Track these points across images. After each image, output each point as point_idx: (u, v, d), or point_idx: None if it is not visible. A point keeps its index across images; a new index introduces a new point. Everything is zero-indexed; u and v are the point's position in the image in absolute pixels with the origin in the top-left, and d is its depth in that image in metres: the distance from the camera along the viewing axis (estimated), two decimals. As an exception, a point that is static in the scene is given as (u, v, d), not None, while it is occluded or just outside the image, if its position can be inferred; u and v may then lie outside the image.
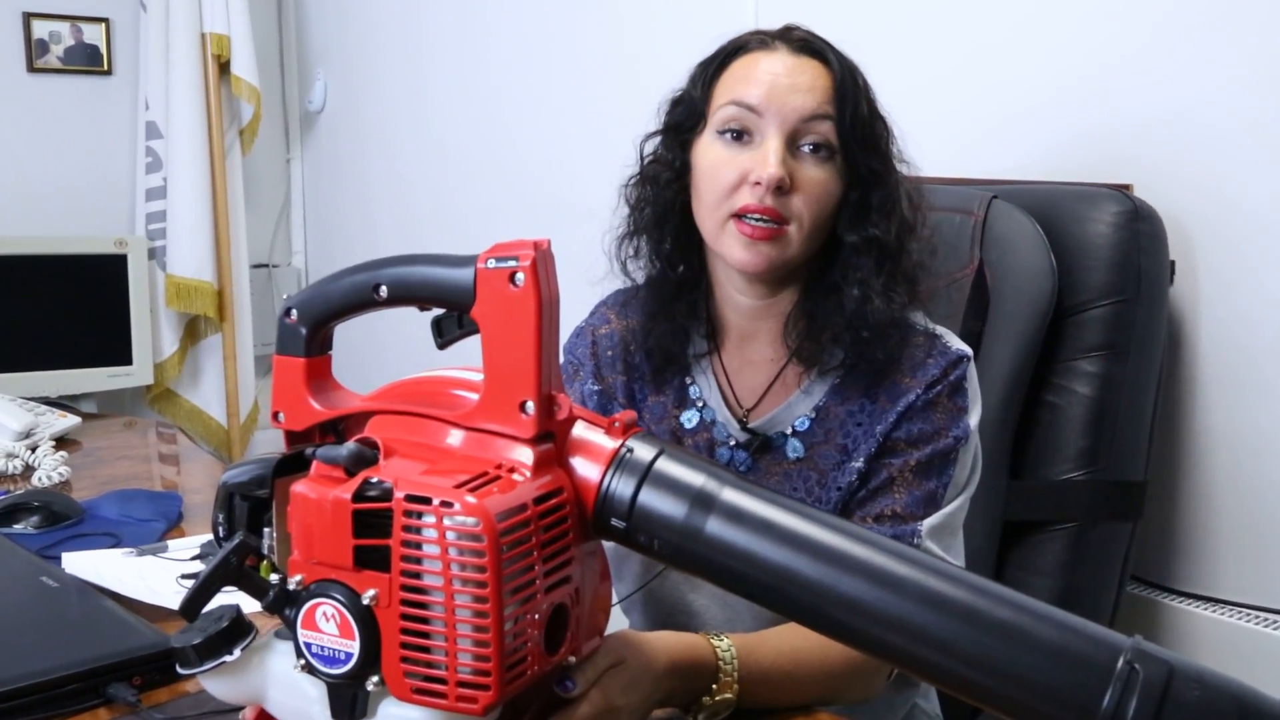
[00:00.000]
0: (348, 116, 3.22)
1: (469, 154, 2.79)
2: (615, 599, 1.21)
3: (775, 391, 1.18)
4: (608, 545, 0.80)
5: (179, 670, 0.77)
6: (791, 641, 0.99)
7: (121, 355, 2.82)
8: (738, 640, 0.97)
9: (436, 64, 2.86)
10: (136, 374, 2.85)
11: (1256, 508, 1.47)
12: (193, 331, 3.10)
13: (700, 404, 1.20)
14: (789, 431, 1.16)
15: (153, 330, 2.93)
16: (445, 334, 0.80)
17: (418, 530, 0.70)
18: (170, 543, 1.35)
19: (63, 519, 1.44)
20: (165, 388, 3.06)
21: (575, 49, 2.47)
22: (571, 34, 2.48)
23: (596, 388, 1.23)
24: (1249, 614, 1.48)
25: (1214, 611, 1.51)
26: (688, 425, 1.20)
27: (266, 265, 3.38)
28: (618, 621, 1.25)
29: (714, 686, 0.94)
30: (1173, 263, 1.46)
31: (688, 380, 1.21)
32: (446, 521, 0.69)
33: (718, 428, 1.19)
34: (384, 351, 2.43)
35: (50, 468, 1.70)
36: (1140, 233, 1.41)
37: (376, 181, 3.13)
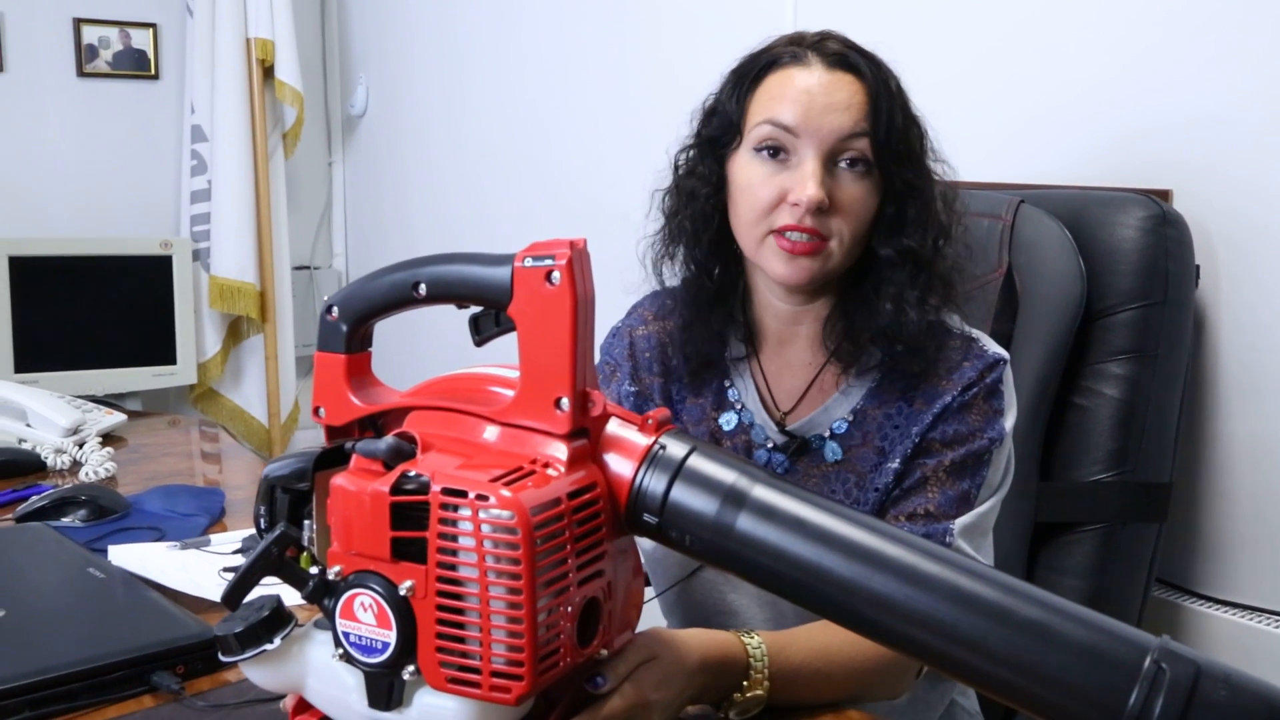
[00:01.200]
0: (388, 120, 3.26)
1: (505, 158, 2.81)
2: (653, 594, 1.23)
3: (813, 394, 1.19)
4: (648, 545, 0.81)
5: (221, 658, 0.79)
6: (822, 639, 0.99)
7: (166, 355, 2.87)
8: (769, 638, 0.97)
9: (474, 69, 2.88)
10: (180, 373, 2.90)
11: (1275, 513, 1.48)
12: (235, 332, 3.14)
13: (739, 406, 1.21)
14: (827, 434, 1.17)
15: (196, 331, 2.98)
16: (483, 331, 0.81)
17: (454, 523, 0.71)
18: (212, 537, 1.38)
19: (109, 513, 1.47)
20: (208, 387, 3.11)
21: (612, 52, 2.49)
22: (608, 37, 2.49)
23: (633, 389, 1.24)
24: (1268, 618, 1.48)
25: (1234, 615, 1.51)
26: (726, 427, 1.21)
27: (308, 267, 3.43)
28: (657, 622, 1.27)
29: (745, 683, 0.94)
30: (1197, 267, 1.46)
31: (726, 383, 1.22)
32: (482, 514, 0.70)
33: (756, 430, 1.19)
34: (421, 349, 2.46)
35: (97, 463, 1.74)
36: (1168, 238, 1.41)
37: (415, 185, 3.16)
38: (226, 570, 1.24)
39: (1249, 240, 1.47)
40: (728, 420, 1.21)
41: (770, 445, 1.18)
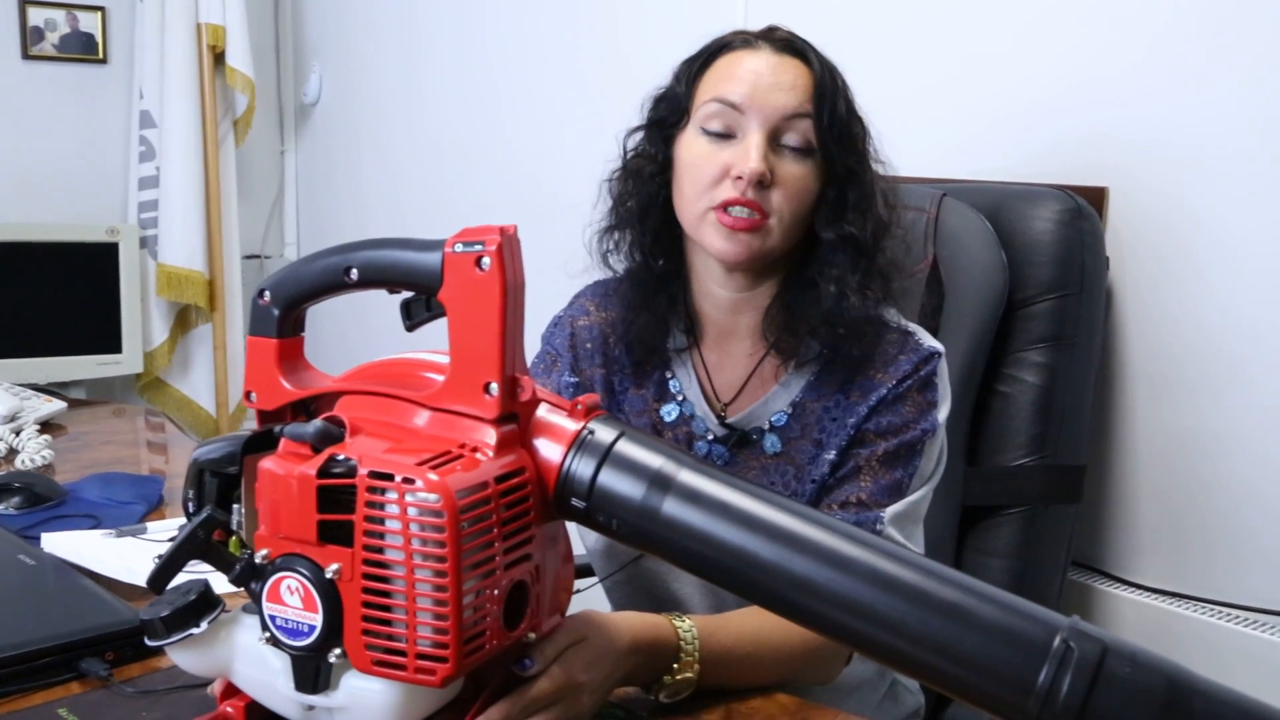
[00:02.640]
0: (343, 109, 3.24)
1: (463, 147, 2.80)
2: (594, 581, 1.24)
3: (753, 386, 1.20)
4: (593, 536, 0.81)
5: (147, 642, 0.79)
6: (753, 623, 1.00)
7: (111, 343, 2.83)
8: (700, 621, 0.98)
9: (431, 58, 2.87)
10: (126, 362, 2.87)
11: (1178, 498, 1.54)
12: (183, 321, 3.11)
13: (680, 398, 1.21)
14: (766, 426, 1.18)
15: (143, 319, 2.95)
16: (413, 316, 0.82)
17: (381, 506, 0.72)
18: (149, 525, 1.37)
19: (44, 500, 1.46)
20: (155, 376, 3.07)
21: (569, 44, 2.49)
22: (566, 29, 2.49)
23: (574, 380, 1.24)
24: (1173, 600, 1.54)
25: (1140, 596, 1.56)
26: (668, 419, 1.21)
27: (258, 256, 3.39)
28: (601, 605, 1.27)
29: (675, 666, 0.95)
30: (1107, 259, 1.51)
31: (668, 374, 1.23)
32: (408, 498, 0.71)
33: (696, 421, 1.20)
34: (371, 333, 2.44)
35: (34, 450, 1.71)
36: (1083, 230, 1.47)
37: (370, 175, 3.14)
38: (160, 558, 1.23)
39: (1171, 236, 1.51)
40: (669, 411, 1.21)
41: (711, 437, 1.19)
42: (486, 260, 0.75)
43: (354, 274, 0.81)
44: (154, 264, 3.01)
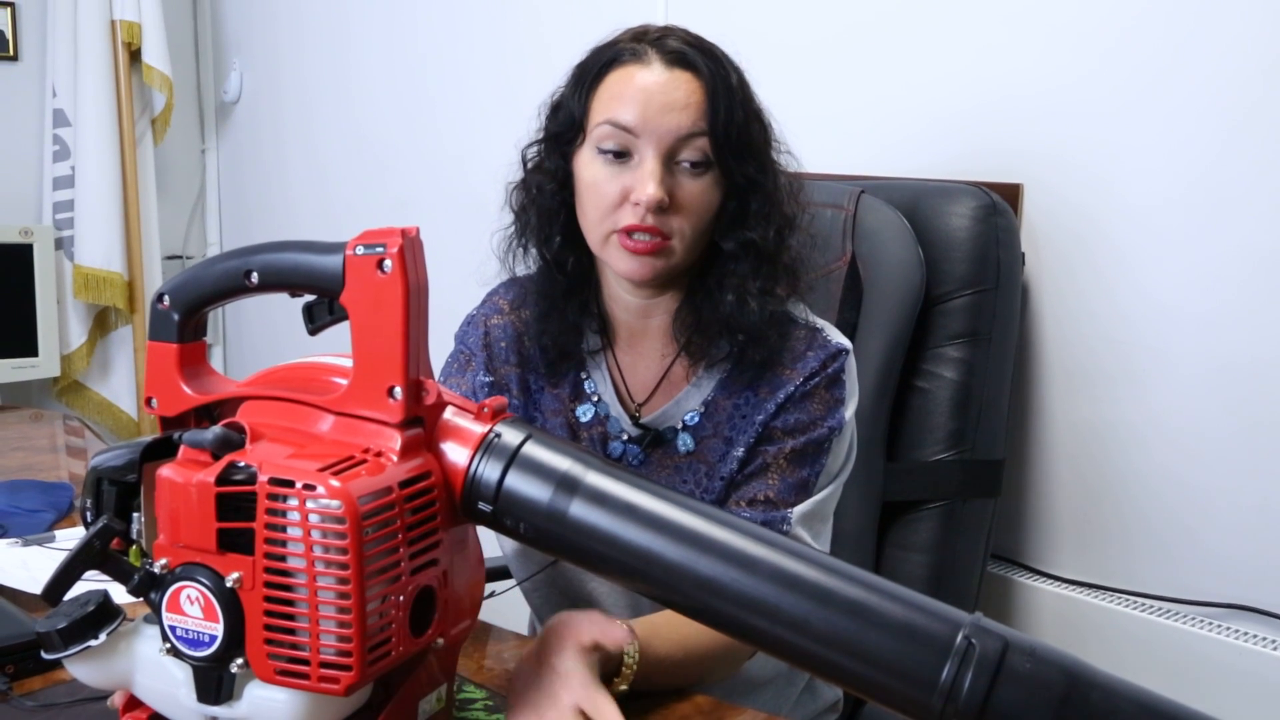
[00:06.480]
0: (266, 107, 3.19)
1: (393, 147, 2.77)
2: (513, 583, 1.23)
3: (665, 387, 1.20)
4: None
5: (44, 655, 0.77)
6: (680, 631, 0.99)
7: (27, 347, 2.77)
8: (639, 631, 0.97)
9: (358, 54, 2.84)
10: (42, 366, 2.80)
11: (1093, 491, 1.57)
12: (102, 323, 3.04)
13: (595, 398, 1.21)
14: (680, 426, 1.18)
15: (60, 321, 2.88)
16: (316, 320, 0.80)
17: (282, 513, 0.70)
18: (58, 533, 1.34)
19: (-53, 510, 1.42)
20: (73, 380, 3.00)
21: (499, 40, 2.47)
22: (494, 23, 2.48)
23: (488, 380, 1.23)
24: (1088, 590, 1.57)
25: (1057, 588, 1.59)
26: (583, 419, 1.21)
27: (180, 257, 3.33)
28: (518, 610, 1.27)
29: (615, 679, 0.95)
30: (1023, 254, 1.54)
31: (582, 375, 1.22)
32: (309, 504, 0.70)
33: (611, 422, 1.20)
34: (286, 337, 2.41)
35: (-60, 459, 1.67)
36: (998, 226, 1.48)
37: (297, 173, 3.10)
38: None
39: (1085, 232, 1.54)
40: (584, 412, 1.21)
41: (625, 437, 1.19)
42: (388, 263, 0.74)
43: (254, 277, 0.80)
44: (70, 265, 2.95)
